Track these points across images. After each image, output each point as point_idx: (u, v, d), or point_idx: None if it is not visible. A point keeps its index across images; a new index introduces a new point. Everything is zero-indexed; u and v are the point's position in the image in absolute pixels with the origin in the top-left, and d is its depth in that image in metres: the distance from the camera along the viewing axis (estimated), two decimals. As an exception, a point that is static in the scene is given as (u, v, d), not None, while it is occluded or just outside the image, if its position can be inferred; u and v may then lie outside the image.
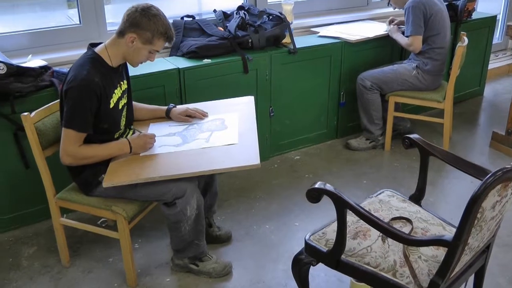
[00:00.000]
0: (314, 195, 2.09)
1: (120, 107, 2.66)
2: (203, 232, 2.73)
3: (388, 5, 4.23)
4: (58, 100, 2.78)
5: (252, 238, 3.15)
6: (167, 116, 2.94)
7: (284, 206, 3.47)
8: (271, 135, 4.02)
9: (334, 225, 2.23)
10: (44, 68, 3.14)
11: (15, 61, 3.10)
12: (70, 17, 3.75)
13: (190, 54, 3.59)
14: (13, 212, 3.25)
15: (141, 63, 2.64)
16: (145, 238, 3.15)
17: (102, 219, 3.26)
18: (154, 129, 2.83)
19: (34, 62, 3.21)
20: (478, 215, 1.77)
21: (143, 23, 2.48)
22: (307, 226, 3.24)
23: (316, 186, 2.10)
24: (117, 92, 2.63)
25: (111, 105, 2.57)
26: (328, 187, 2.09)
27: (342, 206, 2.07)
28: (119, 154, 2.58)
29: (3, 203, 3.19)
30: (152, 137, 2.64)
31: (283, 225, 3.27)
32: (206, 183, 2.94)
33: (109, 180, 2.41)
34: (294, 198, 3.55)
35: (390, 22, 4.38)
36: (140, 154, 2.59)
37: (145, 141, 2.61)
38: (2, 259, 3.01)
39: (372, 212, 2.30)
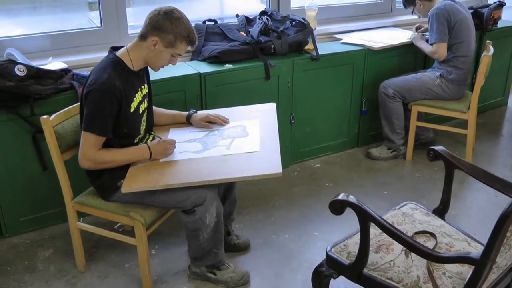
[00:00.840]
0: (338, 207, 2.06)
1: (140, 111, 2.66)
2: (221, 241, 2.70)
3: (412, 13, 4.19)
4: (78, 103, 2.79)
5: (270, 247, 3.12)
6: (188, 122, 2.93)
7: (303, 214, 3.44)
8: (292, 142, 3.99)
9: (356, 238, 2.20)
10: (64, 71, 3.15)
11: (35, 63, 3.11)
12: (91, 19, 3.76)
13: (212, 59, 3.58)
14: (29, 214, 3.25)
15: (163, 67, 2.63)
16: (162, 244, 3.13)
17: (119, 224, 3.25)
18: (174, 134, 2.82)
19: (54, 64, 3.22)
20: (508, 233, 1.73)
21: (166, 27, 2.47)
22: (327, 236, 3.20)
23: (340, 197, 2.06)
24: (138, 96, 2.62)
25: (132, 109, 2.57)
26: (351, 199, 2.06)
27: (365, 219, 2.03)
28: (138, 160, 2.57)
29: (19, 205, 3.20)
30: (172, 143, 2.63)
31: (303, 234, 3.24)
32: (226, 191, 2.92)
33: (128, 185, 2.40)
34: (314, 207, 3.52)
35: (417, 28, 4.34)
36: (160, 160, 2.58)
37: (165, 147, 2.60)
38: (17, 262, 3.01)
39: (395, 225, 2.26)
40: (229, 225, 3.06)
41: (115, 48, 2.63)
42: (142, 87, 2.69)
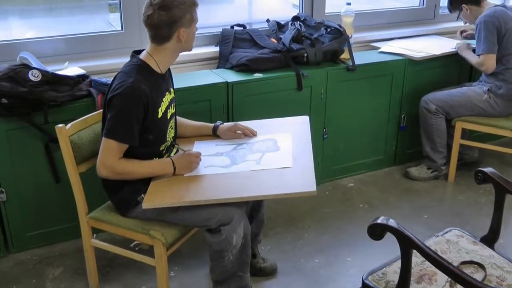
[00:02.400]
0: (377, 232, 2.05)
1: (168, 116, 2.69)
2: (248, 264, 2.69)
3: (457, 19, 4.17)
4: (96, 112, 2.82)
5: (299, 272, 3.11)
6: (214, 134, 2.94)
7: (335, 238, 3.43)
8: (323, 159, 3.99)
9: (396, 265, 2.18)
10: (81, 77, 3.19)
11: (50, 68, 3.15)
12: (110, 22, 3.80)
13: (240, 67, 3.60)
14: (39, 228, 3.28)
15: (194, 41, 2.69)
16: (182, 266, 3.14)
17: (136, 242, 3.26)
18: (199, 147, 2.83)
19: (71, 70, 3.26)
20: None
21: (178, 12, 2.51)
22: (361, 262, 3.19)
23: (379, 221, 2.05)
24: (165, 101, 2.66)
25: (159, 115, 2.60)
26: (392, 223, 2.04)
27: (407, 246, 2.01)
28: (161, 174, 2.59)
29: (28, 218, 3.23)
30: (198, 156, 2.64)
31: (334, 259, 3.22)
32: (253, 209, 2.92)
33: (150, 201, 2.42)
34: (347, 230, 3.50)
35: (461, 32, 4.32)
36: (185, 175, 2.59)
37: (190, 161, 2.61)
38: (25, 280, 3.03)
39: (439, 254, 2.24)
40: (255, 247, 3.06)
41: (137, 52, 2.66)
42: (169, 90, 2.72)
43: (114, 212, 2.72)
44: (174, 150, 2.80)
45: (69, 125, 2.64)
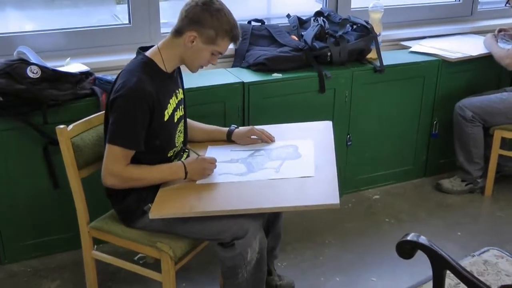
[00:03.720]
0: (407, 250, 2.03)
1: (175, 120, 2.69)
2: (263, 281, 2.69)
3: (505, 5, 4.15)
4: (101, 112, 2.82)
5: (319, 292, 3.12)
6: (228, 140, 2.95)
7: (358, 255, 3.43)
8: (347, 168, 3.98)
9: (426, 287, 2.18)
10: (84, 74, 3.21)
11: (50, 64, 3.17)
12: (117, 14, 3.82)
13: (258, 66, 3.61)
14: (34, 238, 3.30)
15: (202, 67, 2.66)
16: (191, 282, 3.14)
17: (140, 255, 3.26)
18: (213, 153, 2.83)
19: (73, 66, 3.28)
20: None
21: (205, 20, 2.51)
22: (387, 283, 3.18)
23: (409, 238, 2.04)
24: (173, 102, 2.66)
25: (166, 118, 2.60)
26: (423, 240, 2.03)
27: (440, 266, 2.00)
28: (171, 180, 2.60)
29: (23, 226, 3.25)
30: (213, 162, 2.65)
31: (357, 279, 3.22)
32: (269, 222, 2.92)
33: (157, 210, 2.42)
34: (371, 247, 3.50)
35: (499, 31, 4.30)
36: (197, 182, 2.60)
37: (204, 167, 2.62)
38: (18, 295, 3.05)
39: (475, 275, 2.22)
40: (271, 263, 3.06)
41: (144, 49, 2.67)
42: (177, 91, 2.72)
43: (117, 222, 2.73)
44: (184, 156, 2.80)
45: (71, 126, 2.65)
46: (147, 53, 2.62)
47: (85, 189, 2.73)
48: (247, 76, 3.54)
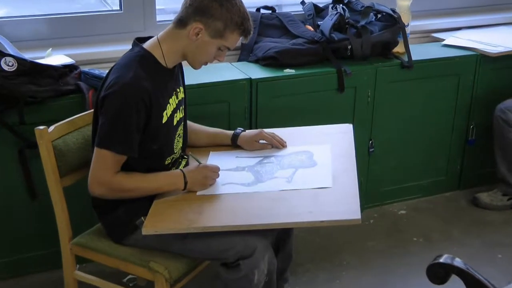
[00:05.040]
0: (439, 274, 2.05)
1: (175, 122, 2.70)
2: (272, 307, 2.72)
3: None
4: (88, 111, 2.84)
5: (335, 321, 3.14)
6: (234, 144, 2.96)
7: (381, 279, 3.44)
8: (369, 178, 4.00)
9: (462, 317, 2.18)
10: (68, 68, 3.22)
11: (28, 56, 3.18)
12: (105, 0, 3.83)
13: (267, 61, 3.63)
14: (9, 255, 3.31)
15: (206, 63, 2.68)
16: (188, 308, 3.16)
17: (130, 276, 3.27)
18: (216, 160, 2.85)
19: (55, 58, 3.29)
20: None
21: (213, 10, 2.52)
22: (414, 311, 3.20)
23: (442, 260, 2.05)
24: (172, 102, 2.67)
25: (164, 119, 2.61)
26: (458, 263, 2.04)
27: (479, 294, 2.01)
28: (168, 190, 2.61)
29: (-4, 243, 3.27)
30: (216, 171, 2.66)
31: (380, 307, 3.24)
32: (279, 239, 2.93)
33: (152, 225, 2.43)
34: (396, 269, 3.51)
35: None
36: (197, 193, 2.61)
37: (205, 175, 2.63)
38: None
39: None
40: (281, 286, 3.06)
41: (141, 40, 2.68)
42: (178, 90, 2.74)
43: (105, 237, 2.74)
44: (183, 163, 2.82)
45: (52, 127, 2.66)
46: (145, 45, 2.62)
47: (68, 199, 2.73)
48: (255, 72, 3.56)
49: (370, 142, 3.91)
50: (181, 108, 2.76)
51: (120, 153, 2.50)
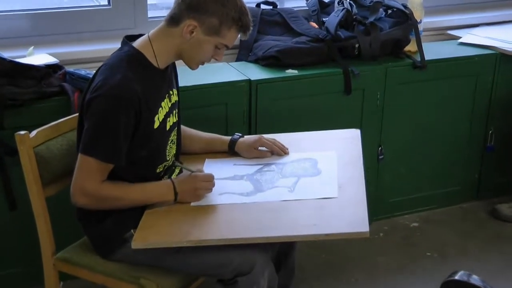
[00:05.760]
0: (454, 291, 2.07)
1: (167, 127, 2.70)
2: (273, 328, 2.72)
3: None
4: (73, 115, 2.84)
5: None
6: (231, 151, 2.97)
7: (393, 298, 3.45)
8: (378, 187, 4.00)
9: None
10: (52, 68, 3.23)
11: (8, 55, 3.18)
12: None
13: (268, 60, 3.64)
14: (-15, 272, 3.32)
15: (203, 63, 2.68)
16: (182, 329, 3.16)
17: (119, 295, 3.28)
18: (212, 168, 2.85)
19: (37, 57, 3.30)
20: None
21: (207, 5, 2.52)
22: (428, 332, 3.20)
23: (457, 277, 2.07)
24: (165, 106, 2.67)
25: (156, 124, 2.61)
26: (475, 280, 2.06)
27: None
28: (158, 202, 2.60)
29: (-31, 258, 3.27)
30: (208, 179, 2.64)
31: (391, 328, 3.25)
32: (281, 254, 2.94)
33: (142, 238, 2.43)
34: (408, 287, 3.52)
35: None
36: (191, 204, 2.61)
37: (196, 186, 2.60)
38: None
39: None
40: (283, 306, 3.08)
41: (131, 38, 2.68)
42: (171, 92, 2.74)
43: (91, 252, 2.73)
44: (177, 171, 2.83)
45: (34, 132, 2.66)
46: (135, 44, 2.62)
47: (51, 211, 2.73)
48: (255, 73, 3.57)
49: (380, 148, 3.92)
50: (174, 112, 2.76)
51: (106, 161, 2.50)
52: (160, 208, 2.59)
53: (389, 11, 3.90)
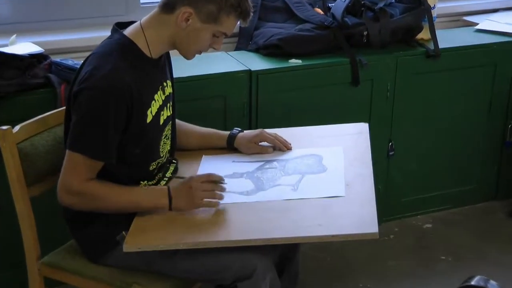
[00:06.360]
0: (470, 298, 2.07)
1: (161, 121, 2.70)
2: (275, 337, 2.72)
3: None
4: (60, 109, 2.84)
5: None
6: (230, 146, 2.97)
7: (404, 304, 3.46)
8: (388, 186, 4.01)
9: None
10: (36, 57, 3.23)
11: (-12, 44, 3.21)
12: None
13: (270, 49, 3.64)
14: (-35, 278, 3.32)
15: (200, 52, 2.68)
16: None
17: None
18: (209, 165, 2.87)
19: (21, 46, 3.30)
20: None
21: None
22: None
23: (473, 283, 2.08)
24: (158, 99, 2.67)
25: (149, 118, 2.61)
26: (493, 286, 2.06)
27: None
28: (149, 207, 2.57)
29: None
30: (203, 180, 2.58)
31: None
32: (284, 258, 2.93)
33: (134, 241, 2.42)
34: (421, 293, 3.53)
35: None
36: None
37: (194, 194, 2.54)
38: None
39: None
40: (286, 314, 3.08)
41: (122, 26, 2.68)
42: (165, 84, 2.74)
43: (79, 256, 2.74)
44: (171, 168, 2.83)
45: (17, 127, 2.65)
46: (127, 32, 2.62)
47: (36, 212, 2.72)
48: (256, 63, 3.58)
49: (390, 144, 3.93)
50: (168, 105, 2.76)
51: (94, 157, 2.49)
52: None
53: (400, -4, 3.90)
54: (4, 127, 2.59)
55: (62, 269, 2.74)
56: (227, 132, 2.99)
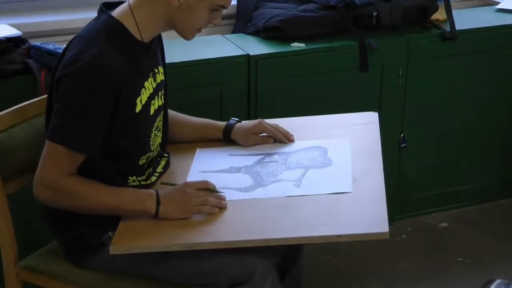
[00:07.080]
0: (491, 303, 2.07)
1: (152, 111, 2.70)
2: None
3: None
4: (39, 98, 2.84)
5: None
6: (226, 138, 2.98)
7: (418, 311, 3.47)
8: (400, 181, 4.03)
9: None
10: (14, 41, 3.23)
11: (-39, 27, 3.21)
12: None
13: (270, 32, 3.65)
14: None
15: (200, 30, 2.66)
16: None
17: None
18: (204, 159, 2.88)
19: (-3, 29, 3.32)
20: None
21: None
22: None
23: (493, 287, 2.08)
24: (149, 86, 2.66)
25: (138, 108, 2.60)
26: (515, 291, 2.07)
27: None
28: (134, 210, 2.52)
29: None
30: (198, 186, 2.57)
31: None
32: (286, 260, 2.94)
33: (121, 242, 2.42)
34: (436, 299, 3.54)
35: None
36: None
37: (186, 199, 2.53)
38: None
39: None
40: (289, 320, 3.08)
41: (110, 6, 2.67)
42: (156, 70, 2.73)
43: (61, 259, 2.73)
44: (163, 163, 2.83)
45: (-7, 117, 2.68)
46: (114, 13, 2.60)
47: (14, 210, 2.73)
48: (255, 46, 3.59)
49: (402, 135, 3.94)
50: (160, 93, 2.76)
51: (76, 150, 2.47)
52: None
53: (413, -27, 3.90)
54: (-21, 118, 2.59)
55: (42, 274, 2.74)
56: (224, 123, 2.99)
